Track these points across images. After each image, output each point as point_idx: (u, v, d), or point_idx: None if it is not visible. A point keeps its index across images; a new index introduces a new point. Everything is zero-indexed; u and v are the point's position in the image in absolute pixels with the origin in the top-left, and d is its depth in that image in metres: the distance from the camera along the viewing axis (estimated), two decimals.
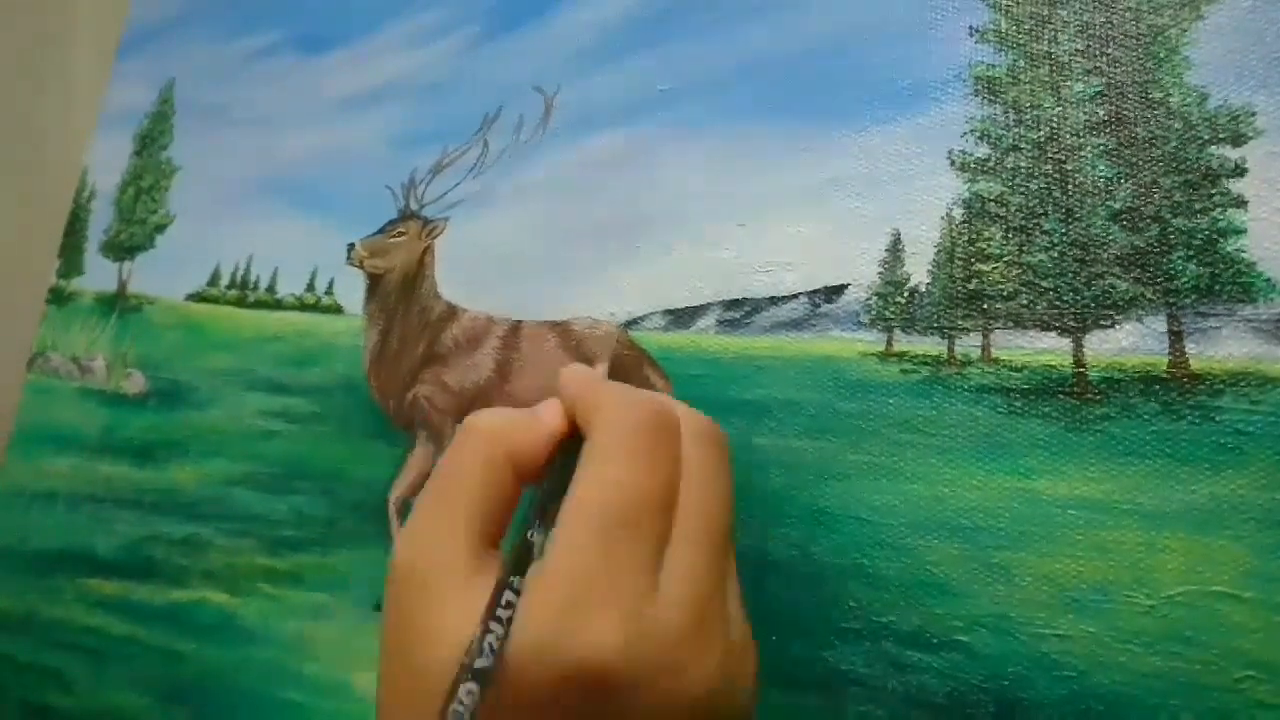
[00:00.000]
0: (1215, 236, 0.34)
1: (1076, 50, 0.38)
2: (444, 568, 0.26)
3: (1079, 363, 0.35)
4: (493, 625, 0.24)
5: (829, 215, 0.42)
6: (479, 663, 0.23)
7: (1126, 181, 0.36)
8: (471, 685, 0.23)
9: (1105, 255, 0.36)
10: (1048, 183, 0.37)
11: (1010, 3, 0.40)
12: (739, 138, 0.46)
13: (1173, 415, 0.33)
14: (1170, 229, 0.35)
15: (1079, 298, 0.36)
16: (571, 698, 0.23)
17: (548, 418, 0.30)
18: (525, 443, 0.29)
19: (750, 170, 0.45)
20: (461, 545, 0.27)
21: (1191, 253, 0.34)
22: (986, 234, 0.38)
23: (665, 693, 0.24)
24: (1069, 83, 0.38)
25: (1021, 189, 0.38)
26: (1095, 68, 0.37)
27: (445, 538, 0.27)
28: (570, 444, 0.30)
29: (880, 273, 0.40)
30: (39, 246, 0.77)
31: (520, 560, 0.26)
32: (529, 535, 0.27)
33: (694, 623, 0.25)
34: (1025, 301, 0.37)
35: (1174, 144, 0.35)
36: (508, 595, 0.24)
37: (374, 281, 0.55)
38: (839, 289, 0.41)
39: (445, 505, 0.28)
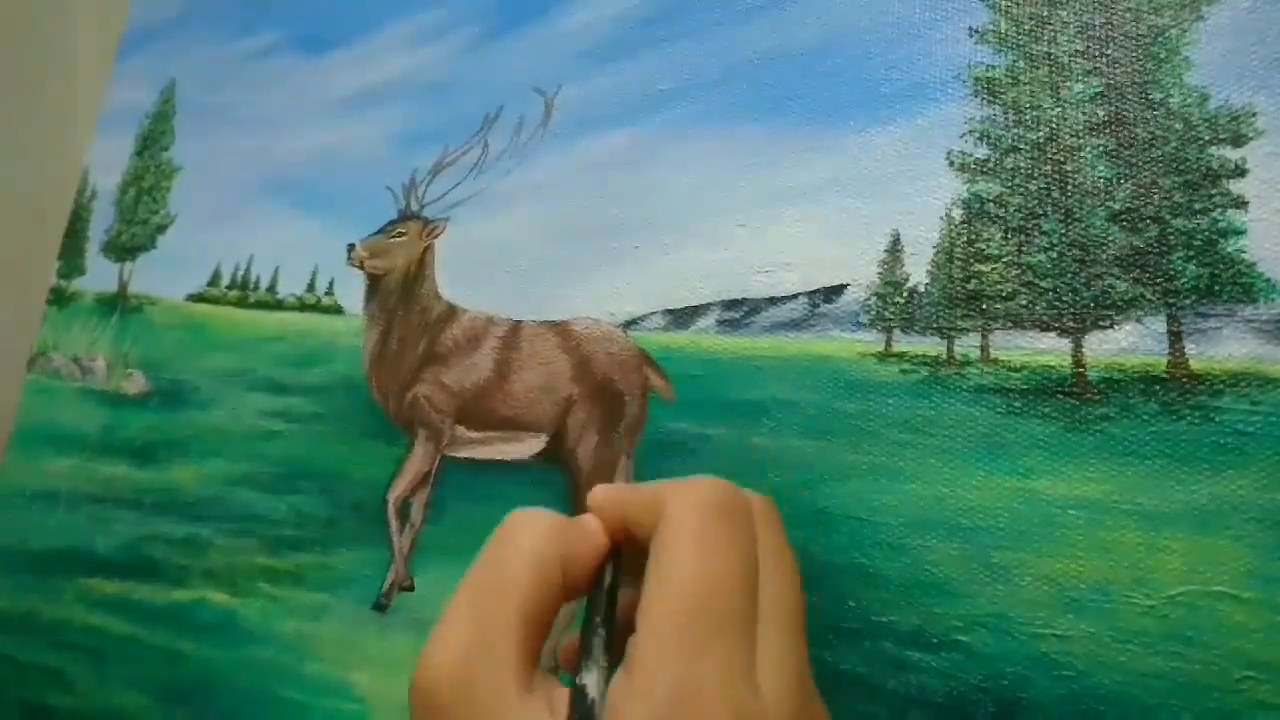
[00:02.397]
0: (1215, 237, 0.34)
1: (1076, 51, 0.38)
2: (493, 689, 0.24)
3: (1078, 363, 0.35)
4: None
5: (828, 215, 0.42)
6: None
7: (1126, 182, 0.36)
8: None
9: (1105, 256, 0.36)
10: (1047, 183, 0.37)
11: (1010, 3, 0.40)
12: (739, 138, 0.46)
13: (1173, 415, 0.33)
14: (1170, 229, 0.35)
15: (1078, 298, 0.36)
16: None
17: (593, 527, 0.28)
18: (579, 549, 0.27)
19: (750, 170, 0.45)
20: (510, 661, 0.24)
21: (1191, 253, 0.34)
22: (986, 234, 0.38)
23: None
24: (1068, 83, 0.38)
25: (1021, 189, 0.38)
26: (1095, 68, 0.37)
27: (492, 651, 0.24)
28: (611, 571, 0.28)
29: (879, 273, 0.40)
30: (40, 247, 0.77)
31: (578, 706, 0.24)
32: (579, 680, 0.24)
33: (795, 714, 0.24)
34: (1024, 302, 0.37)
35: (1174, 145, 0.35)
36: None
37: (374, 282, 0.55)
38: (838, 289, 0.41)
39: (490, 611, 0.25)
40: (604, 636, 0.26)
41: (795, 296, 0.42)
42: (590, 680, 0.24)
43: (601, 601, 0.27)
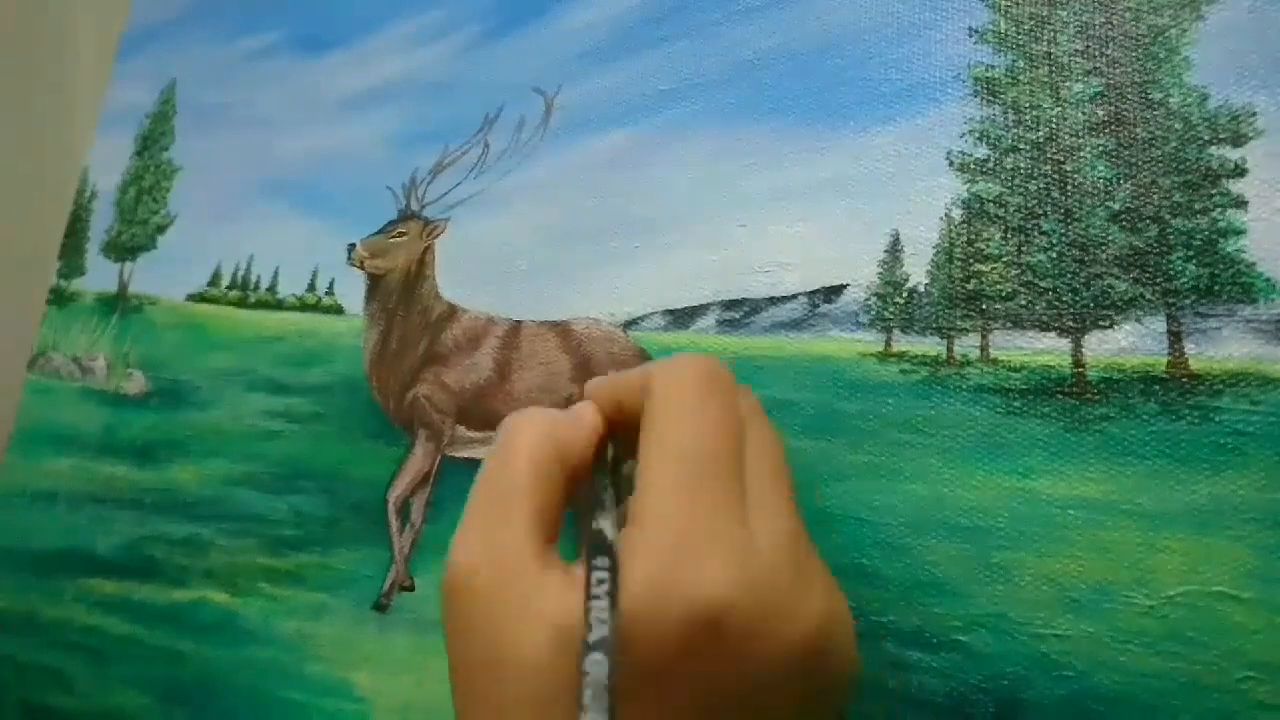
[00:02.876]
0: (1215, 237, 0.34)
1: (1076, 51, 0.38)
2: (515, 568, 0.26)
3: (1078, 363, 0.35)
4: (592, 604, 0.23)
5: (828, 215, 0.42)
6: (594, 635, 0.23)
7: (1126, 182, 0.36)
8: (597, 656, 0.22)
9: (1104, 256, 0.36)
10: (1047, 183, 0.37)
11: (1010, 3, 0.40)
12: (739, 138, 0.46)
13: (1172, 415, 0.33)
14: (1170, 229, 0.35)
15: (1078, 298, 0.36)
16: (698, 639, 0.23)
17: (587, 414, 0.31)
18: (572, 440, 0.29)
19: (750, 170, 0.45)
20: (526, 544, 0.26)
21: (1191, 253, 0.34)
22: (985, 234, 0.38)
23: (781, 637, 0.24)
24: (1068, 83, 0.38)
25: (1020, 189, 0.38)
26: (1095, 68, 0.37)
27: (507, 540, 0.27)
28: (612, 442, 0.31)
29: (879, 273, 0.40)
30: (40, 247, 0.77)
31: (595, 545, 0.26)
32: (594, 526, 0.26)
33: (792, 561, 0.26)
34: (1024, 302, 0.37)
35: (1174, 144, 0.35)
36: (597, 574, 0.24)
37: (375, 282, 0.55)
38: (838, 289, 0.41)
39: (500, 509, 0.28)
40: (612, 491, 0.29)
41: (795, 296, 0.42)
42: (605, 523, 0.26)
43: (603, 473, 0.30)
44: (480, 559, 0.27)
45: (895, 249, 0.40)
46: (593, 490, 0.29)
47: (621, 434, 0.31)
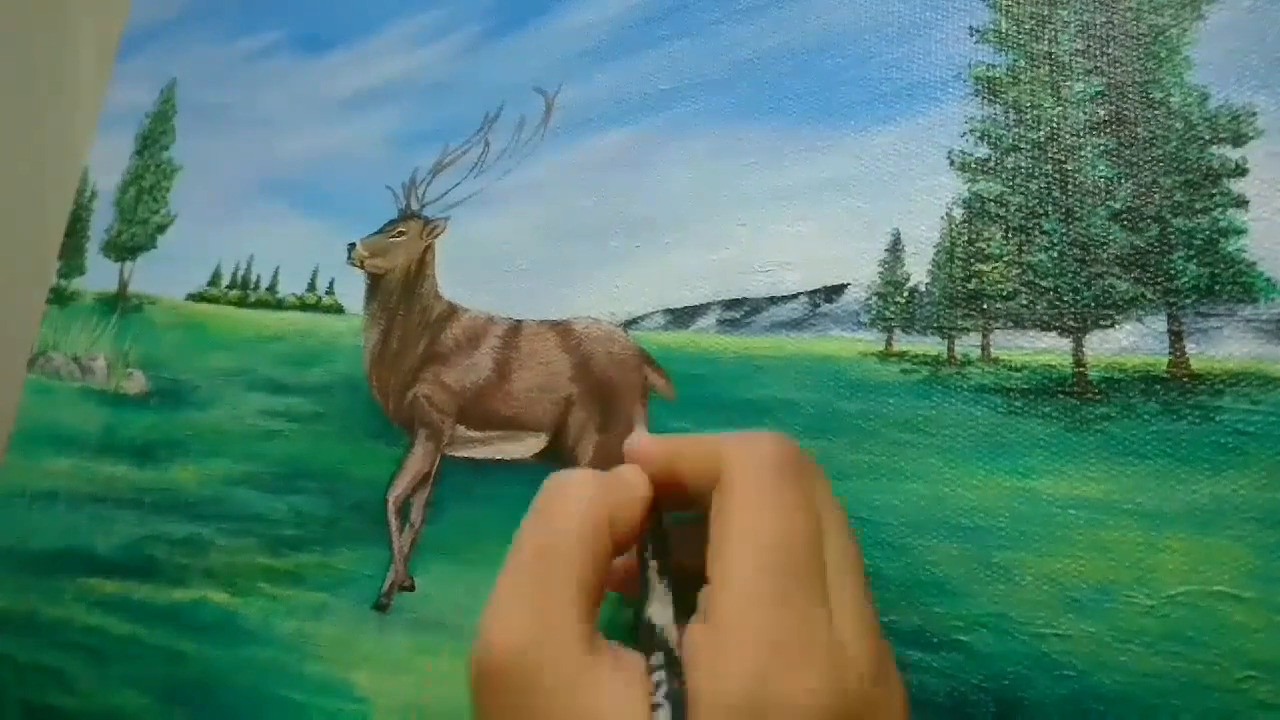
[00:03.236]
0: (1216, 236, 0.34)
1: (1077, 50, 0.38)
2: (562, 661, 0.23)
3: (1079, 362, 0.35)
4: (656, 713, 0.22)
5: (829, 215, 0.42)
6: None
7: (1127, 181, 0.36)
8: None
9: (1105, 255, 0.36)
10: (1048, 183, 0.37)
11: (1010, 3, 0.40)
12: (740, 137, 0.46)
13: (1173, 415, 0.33)
14: (1170, 229, 0.35)
15: (1079, 298, 0.36)
16: None
17: (636, 479, 0.28)
18: (623, 508, 0.27)
19: (751, 169, 0.45)
20: (575, 632, 0.24)
21: (1192, 253, 0.34)
22: (986, 234, 0.38)
23: None
24: (1069, 83, 0.38)
25: (1021, 189, 0.38)
26: (1095, 68, 0.37)
27: (556, 626, 0.24)
28: (660, 510, 0.29)
29: (880, 272, 0.40)
30: (40, 246, 0.77)
31: (649, 640, 0.24)
32: (646, 616, 0.25)
33: (876, 662, 0.25)
34: (1025, 301, 0.37)
35: (1174, 144, 0.35)
36: (655, 675, 0.23)
37: (375, 281, 0.55)
38: (839, 289, 0.41)
39: (548, 584, 0.25)
40: (658, 569, 0.27)
41: (796, 296, 0.42)
42: (656, 610, 0.25)
43: (651, 544, 0.28)
44: (524, 638, 0.24)
45: (896, 248, 0.40)
46: (641, 569, 0.27)
47: (667, 503, 0.29)
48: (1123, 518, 0.33)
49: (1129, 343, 0.35)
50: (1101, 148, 0.37)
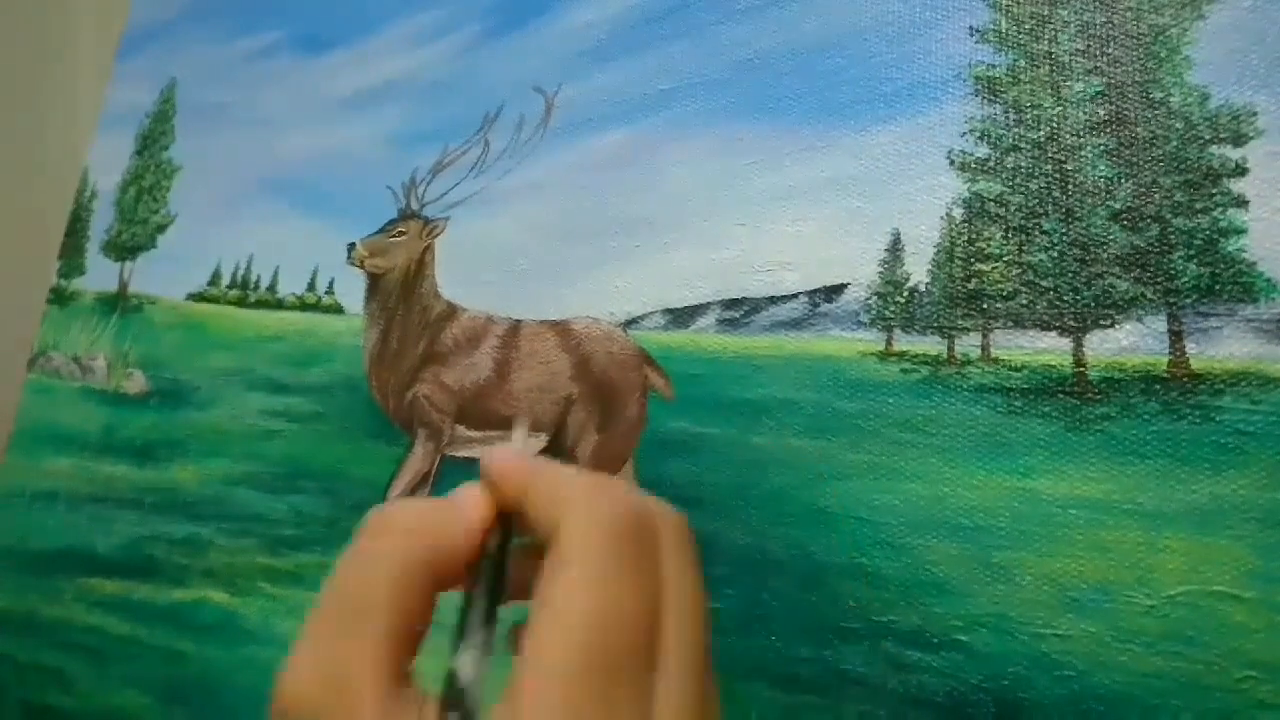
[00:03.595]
0: (1216, 236, 0.34)
1: (1077, 50, 0.38)
2: (347, 706, 0.22)
3: (1079, 362, 0.35)
4: None
5: (829, 215, 0.42)
6: None
7: (1127, 181, 0.36)
8: None
9: (1105, 255, 0.36)
10: (1048, 182, 0.37)
11: (1011, 3, 0.40)
12: (739, 137, 0.46)
13: (1173, 415, 0.33)
14: (1171, 229, 0.35)
15: (1079, 297, 0.36)
16: None
17: (471, 510, 0.26)
18: (447, 544, 0.25)
19: (750, 170, 0.45)
20: (368, 677, 0.22)
21: (1192, 252, 0.34)
22: (986, 234, 0.38)
23: None
24: (1069, 83, 0.38)
25: (1021, 189, 0.38)
26: (1096, 68, 0.37)
27: (347, 669, 0.22)
28: (496, 541, 0.26)
29: (880, 272, 0.40)
30: (40, 246, 0.77)
31: (452, 697, 0.22)
32: (453, 665, 0.23)
33: None
34: (1025, 301, 0.37)
35: (1175, 144, 0.35)
36: None
37: (374, 281, 0.55)
38: (839, 288, 0.41)
39: (348, 627, 0.23)
40: (483, 610, 0.24)
41: (795, 296, 0.42)
42: (465, 662, 0.23)
43: (484, 573, 0.25)
44: (313, 681, 0.23)
45: (896, 248, 0.40)
46: (463, 610, 0.25)
47: (518, 524, 0.26)
48: (1123, 518, 0.33)
49: (1129, 342, 0.35)
50: (1101, 147, 0.37)
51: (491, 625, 0.24)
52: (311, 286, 0.60)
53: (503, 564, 0.26)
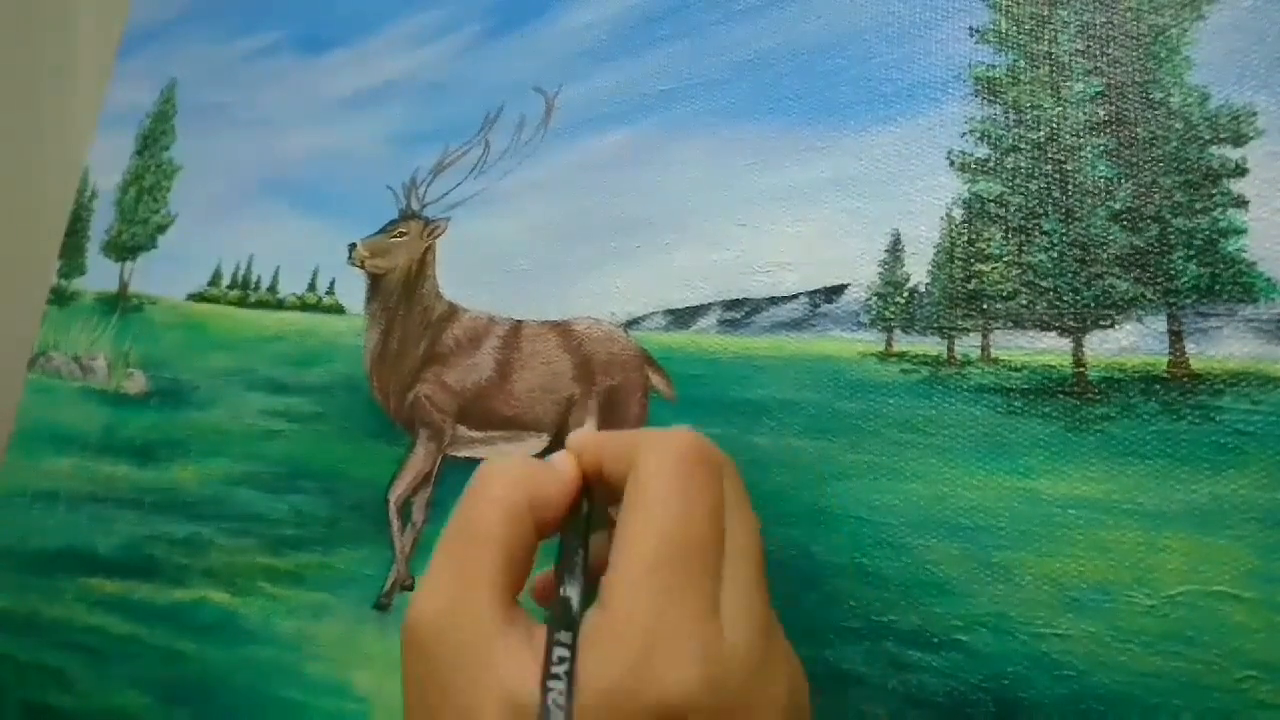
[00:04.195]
0: (1216, 236, 0.34)
1: (1077, 50, 0.38)
2: (475, 625, 0.25)
3: (1079, 363, 0.35)
4: (551, 684, 0.23)
5: (829, 215, 0.42)
6: None
7: (1127, 182, 0.36)
8: None
9: (1105, 255, 0.36)
10: (1048, 183, 0.37)
11: (1010, 3, 0.40)
12: (739, 138, 0.46)
13: (1173, 415, 0.33)
14: (1170, 229, 0.35)
15: (1079, 298, 0.36)
16: None
17: (564, 470, 0.30)
18: (547, 492, 0.29)
19: (750, 170, 0.45)
20: (490, 600, 0.26)
21: (1192, 253, 0.34)
22: (986, 234, 0.38)
23: None
24: (1069, 83, 0.38)
25: (1021, 189, 0.38)
26: (1095, 68, 0.37)
27: (472, 593, 0.26)
28: (586, 497, 0.30)
29: (880, 273, 0.40)
30: (40, 246, 0.77)
31: (561, 616, 0.25)
32: (562, 591, 0.26)
33: (761, 656, 0.26)
34: (1025, 301, 0.37)
35: (1174, 144, 0.35)
36: (559, 651, 0.24)
37: (375, 281, 0.55)
38: (839, 289, 0.41)
39: (468, 558, 0.27)
40: (583, 555, 0.28)
41: (796, 296, 0.42)
42: (573, 592, 0.26)
43: (577, 532, 0.29)
44: (442, 609, 0.26)
45: (896, 249, 0.40)
46: (563, 551, 0.29)
47: (600, 493, 0.30)
48: (1123, 518, 0.33)
49: (1129, 343, 0.35)
50: (1101, 148, 0.37)
51: (585, 564, 0.28)
52: (312, 287, 0.60)
53: (589, 521, 0.30)
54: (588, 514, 0.30)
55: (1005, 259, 0.38)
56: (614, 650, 0.24)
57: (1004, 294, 0.37)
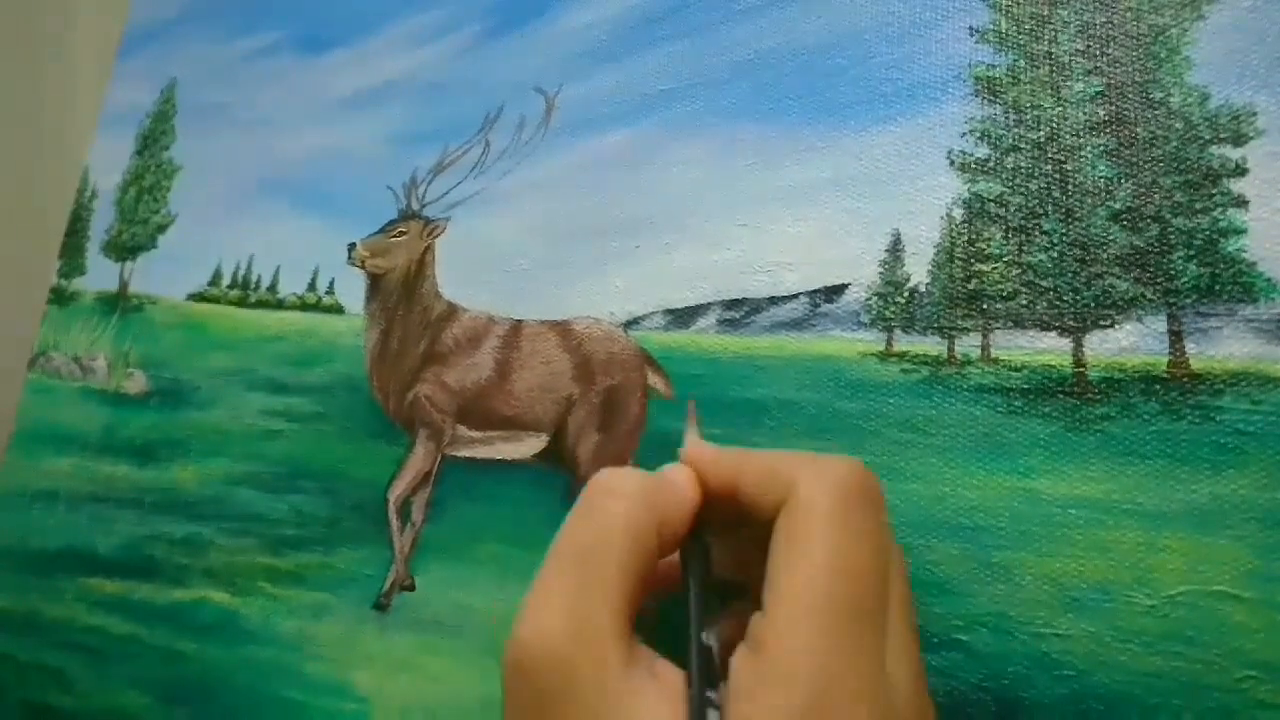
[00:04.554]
0: (1216, 236, 0.34)
1: (1077, 50, 0.38)
2: (596, 657, 0.23)
3: (1079, 363, 0.35)
4: None
5: (829, 215, 0.42)
6: None
7: (1127, 181, 0.36)
8: None
9: (1105, 255, 0.36)
10: (1048, 183, 0.37)
11: (1010, 3, 0.40)
12: (739, 138, 0.46)
13: (1173, 415, 0.33)
14: (1171, 229, 0.35)
15: (1079, 298, 0.36)
16: None
17: (688, 490, 0.27)
18: (672, 514, 0.26)
19: (750, 170, 0.45)
20: (613, 630, 0.23)
21: (1192, 253, 0.34)
22: (986, 234, 0.38)
23: None
24: (1069, 83, 0.38)
25: (1021, 189, 0.38)
26: (1095, 68, 0.37)
27: (594, 620, 0.23)
28: (704, 522, 0.27)
29: (880, 273, 0.40)
30: (40, 246, 0.77)
31: (705, 669, 0.23)
32: (704, 639, 0.24)
33: (923, 706, 0.24)
34: (1025, 301, 0.37)
35: (1175, 144, 0.35)
36: (712, 715, 0.22)
37: (375, 281, 0.55)
38: (839, 289, 0.41)
39: (589, 578, 0.24)
40: (705, 584, 0.26)
41: (796, 296, 0.42)
42: (714, 641, 0.24)
43: (699, 562, 0.27)
44: (561, 639, 0.23)
45: (896, 248, 0.40)
46: (687, 585, 0.26)
47: (717, 513, 0.28)
48: (1123, 518, 0.33)
49: (1129, 343, 0.35)
50: (1101, 148, 0.37)
51: (711, 599, 0.25)
52: (312, 286, 0.60)
53: (708, 544, 0.27)
54: (703, 538, 0.27)
55: (1005, 259, 0.38)
56: (781, 697, 0.21)
57: (1004, 294, 0.37)
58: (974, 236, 0.38)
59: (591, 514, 0.25)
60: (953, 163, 0.39)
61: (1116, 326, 0.35)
